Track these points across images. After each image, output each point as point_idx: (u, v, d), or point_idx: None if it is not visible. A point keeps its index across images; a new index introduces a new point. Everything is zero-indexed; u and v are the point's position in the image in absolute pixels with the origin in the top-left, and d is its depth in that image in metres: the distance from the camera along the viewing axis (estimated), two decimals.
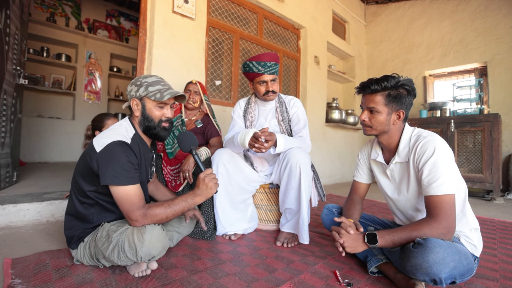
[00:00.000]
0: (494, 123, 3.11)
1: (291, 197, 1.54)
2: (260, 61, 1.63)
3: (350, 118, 4.40)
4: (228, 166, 1.60)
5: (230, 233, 1.62)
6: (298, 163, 1.49)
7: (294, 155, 1.51)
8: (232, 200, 1.64)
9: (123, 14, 5.43)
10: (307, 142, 1.70)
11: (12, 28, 2.12)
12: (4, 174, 2.11)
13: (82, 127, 4.65)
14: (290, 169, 1.52)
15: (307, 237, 1.51)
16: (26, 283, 0.99)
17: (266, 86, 1.67)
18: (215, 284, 1.06)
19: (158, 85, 1.18)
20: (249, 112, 1.79)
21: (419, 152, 1.06)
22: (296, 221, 1.57)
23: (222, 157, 1.59)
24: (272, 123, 1.77)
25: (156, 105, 1.18)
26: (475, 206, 2.79)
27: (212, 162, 1.62)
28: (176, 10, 2.44)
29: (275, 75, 1.68)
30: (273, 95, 1.70)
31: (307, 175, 1.51)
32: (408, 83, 1.10)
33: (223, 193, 1.61)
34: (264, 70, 1.63)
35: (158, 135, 1.22)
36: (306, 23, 3.84)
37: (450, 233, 0.96)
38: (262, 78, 1.66)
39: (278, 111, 1.75)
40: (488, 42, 3.82)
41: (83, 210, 1.14)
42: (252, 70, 1.66)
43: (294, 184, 1.52)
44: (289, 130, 1.76)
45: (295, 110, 1.75)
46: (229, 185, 1.62)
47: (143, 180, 1.23)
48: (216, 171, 1.58)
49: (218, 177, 1.57)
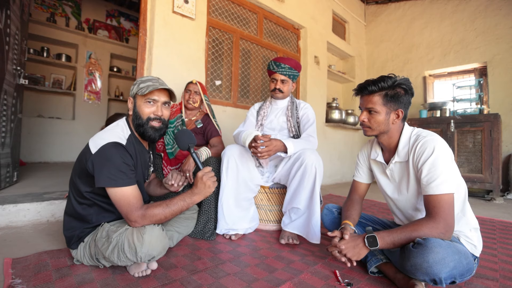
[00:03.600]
0: (494, 123, 3.11)
1: (301, 197, 1.55)
2: (277, 61, 1.83)
3: (350, 118, 4.40)
4: (239, 161, 1.66)
5: (232, 232, 1.62)
6: (313, 163, 1.53)
7: (309, 156, 1.55)
8: (237, 196, 1.67)
9: (123, 14, 5.43)
10: (314, 140, 1.74)
11: (12, 28, 2.12)
12: (4, 174, 2.11)
13: (82, 127, 4.67)
14: (305, 169, 1.54)
15: (319, 236, 1.51)
16: (26, 283, 1.00)
17: (275, 83, 1.83)
18: (215, 284, 1.06)
19: (149, 82, 1.18)
20: (262, 109, 1.94)
21: (419, 152, 1.06)
22: (302, 222, 1.57)
23: (233, 152, 1.66)
24: (281, 119, 1.88)
25: (145, 101, 1.18)
26: (475, 206, 2.79)
27: (222, 156, 1.68)
28: (176, 10, 2.44)
29: (286, 77, 1.82)
30: (280, 93, 1.84)
31: (320, 176, 1.55)
32: (405, 82, 1.11)
33: (231, 188, 1.64)
34: (277, 69, 1.81)
35: (146, 133, 1.19)
36: (306, 23, 3.85)
37: (449, 232, 0.96)
38: (273, 76, 1.85)
39: (289, 109, 1.88)
40: (488, 42, 3.83)
41: (82, 210, 1.14)
42: (269, 68, 1.87)
43: (307, 184, 1.54)
44: (296, 126, 1.84)
45: (305, 111, 1.86)
46: (236, 180, 1.65)
47: (140, 180, 1.22)
48: (227, 165, 1.63)
49: (228, 171, 1.63)
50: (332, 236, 1.11)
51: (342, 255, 1.05)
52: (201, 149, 1.73)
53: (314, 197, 1.53)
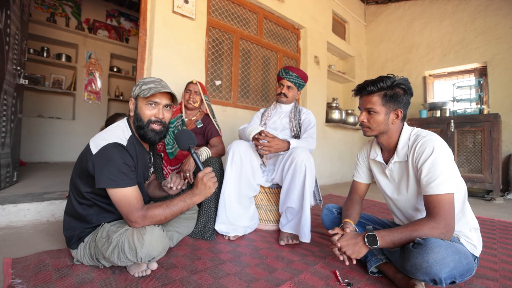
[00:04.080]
0: (494, 123, 3.11)
1: (293, 196, 1.56)
2: (286, 69, 1.96)
3: (350, 118, 4.40)
4: (244, 157, 1.68)
5: (231, 228, 1.61)
6: (303, 161, 1.54)
7: (299, 154, 1.57)
8: (239, 193, 1.68)
9: (123, 14, 5.43)
10: (313, 141, 1.82)
11: (12, 28, 2.12)
12: (4, 174, 2.11)
13: (82, 127, 4.66)
14: (295, 167, 1.55)
15: (309, 235, 1.52)
16: (26, 283, 1.00)
17: (282, 88, 1.96)
18: (215, 284, 1.06)
19: (151, 84, 1.17)
20: (267, 111, 2.06)
21: (418, 152, 1.07)
22: (297, 221, 1.57)
23: (239, 147, 1.69)
24: (284, 120, 1.98)
25: (146, 103, 1.17)
26: (475, 206, 2.79)
27: (228, 150, 1.71)
28: (176, 10, 2.44)
29: (292, 84, 1.95)
30: (284, 98, 1.96)
31: (311, 174, 1.56)
32: (404, 82, 1.11)
33: (234, 183, 1.66)
34: (285, 76, 1.94)
35: (146, 135, 1.18)
36: (306, 23, 3.85)
37: (449, 233, 0.96)
38: (281, 81, 1.98)
39: (292, 112, 1.99)
40: (488, 42, 3.82)
41: (82, 210, 1.14)
42: (279, 74, 2.00)
43: (298, 182, 1.55)
44: (298, 127, 1.92)
45: (307, 116, 1.97)
46: (239, 176, 1.67)
47: (140, 181, 1.22)
48: (232, 159, 1.66)
49: (232, 165, 1.65)
50: (332, 233, 1.11)
51: (342, 253, 1.05)
52: (201, 149, 1.73)
53: (304, 195, 1.53)
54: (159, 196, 1.43)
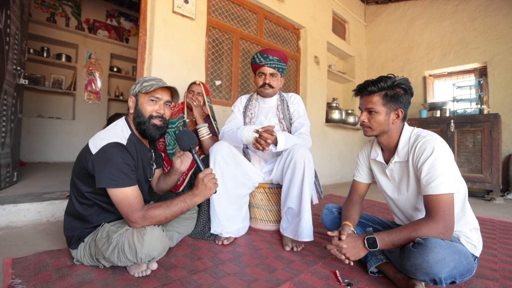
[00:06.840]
0: (494, 123, 3.11)
1: (293, 195, 1.50)
2: (264, 53, 1.67)
3: (350, 118, 4.40)
4: (227, 158, 1.56)
5: (225, 234, 1.55)
6: (302, 157, 1.46)
7: (298, 151, 1.49)
8: (229, 193, 1.59)
9: (123, 14, 5.43)
10: (308, 138, 1.67)
11: (12, 28, 2.12)
12: (4, 174, 2.11)
13: (82, 127, 4.67)
14: (294, 164, 1.48)
15: (310, 234, 1.45)
16: (26, 283, 1.00)
17: (264, 78, 1.69)
18: (215, 284, 1.06)
19: (152, 81, 1.21)
20: (249, 108, 1.79)
21: (418, 151, 1.07)
22: (296, 224, 1.51)
23: (221, 148, 1.56)
24: (272, 121, 1.74)
25: (148, 99, 1.19)
26: (475, 206, 2.79)
27: (210, 153, 1.58)
28: (176, 10, 2.44)
29: (275, 70, 1.69)
30: (270, 89, 1.70)
31: (310, 170, 1.48)
32: (404, 82, 1.11)
33: (221, 185, 1.54)
34: (265, 62, 1.66)
35: (147, 131, 1.19)
36: (306, 23, 3.85)
37: (449, 233, 0.96)
38: (261, 70, 1.69)
39: (280, 109, 1.75)
40: (488, 42, 3.82)
41: (82, 210, 1.14)
42: (255, 61, 1.70)
43: (297, 180, 1.47)
44: (290, 128, 1.75)
45: (296, 106, 1.76)
46: (226, 177, 1.57)
47: (141, 180, 1.22)
48: (214, 161, 1.54)
49: (216, 167, 1.54)
50: (332, 235, 1.11)
51: (342, 253, 1.05)
52: (201, 126, 1.79)
53: (303, 194, 1.46)
54: (171, 184, 1.43)
